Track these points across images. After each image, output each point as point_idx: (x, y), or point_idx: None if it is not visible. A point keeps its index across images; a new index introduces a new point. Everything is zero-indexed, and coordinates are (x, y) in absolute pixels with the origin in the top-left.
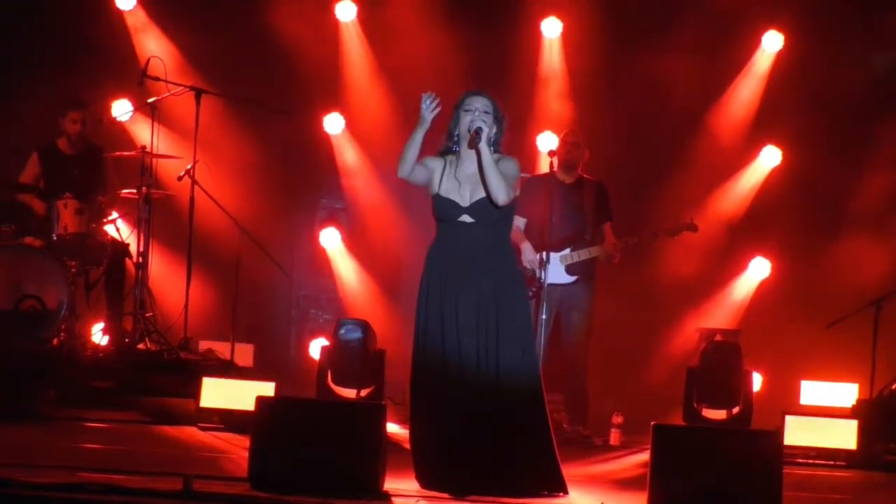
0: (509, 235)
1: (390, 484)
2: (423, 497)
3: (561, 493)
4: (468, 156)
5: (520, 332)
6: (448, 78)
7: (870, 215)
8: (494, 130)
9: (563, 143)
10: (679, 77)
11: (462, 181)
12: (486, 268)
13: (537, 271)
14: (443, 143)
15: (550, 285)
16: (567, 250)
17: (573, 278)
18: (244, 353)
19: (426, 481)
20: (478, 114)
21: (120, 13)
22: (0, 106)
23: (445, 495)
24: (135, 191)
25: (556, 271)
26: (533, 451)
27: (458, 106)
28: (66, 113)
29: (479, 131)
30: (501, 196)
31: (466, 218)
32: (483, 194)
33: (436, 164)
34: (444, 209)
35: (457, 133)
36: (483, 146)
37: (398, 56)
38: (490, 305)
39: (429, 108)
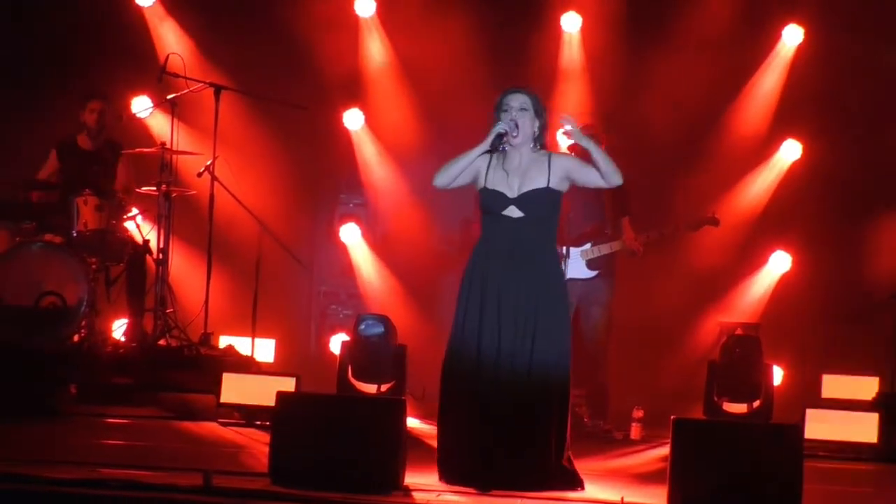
0: (555, 234)
1: (411, 479)
2: (444, 492)
3: (579, 488)
4: (513, 153)
5: (560, 334)
6: (468, 73)
7: (890, 209)
8: (537, 125)
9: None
10: (699, 70)
11: (510, 172)
12: (530, 266)
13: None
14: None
15: (570, 280)
16: (588, 245)
17: (594, 273)
18: (265, 349)
19: (449, 475)
20: (514, 112)
21: (139, 10)
22: (19, 103)
23: (467, 490)
24: (154, 188)
25: (577, 266)
26: (553, 449)
27: (497, 104)
28: (85, 104)
29: (499, 136)
30: (615, 178)
31: (514, 211)
32: (532, 187)
33: (481, 161)
34: (491, 201)
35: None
36: (588, 142)
37: (417, 51)
38: (531, 305)
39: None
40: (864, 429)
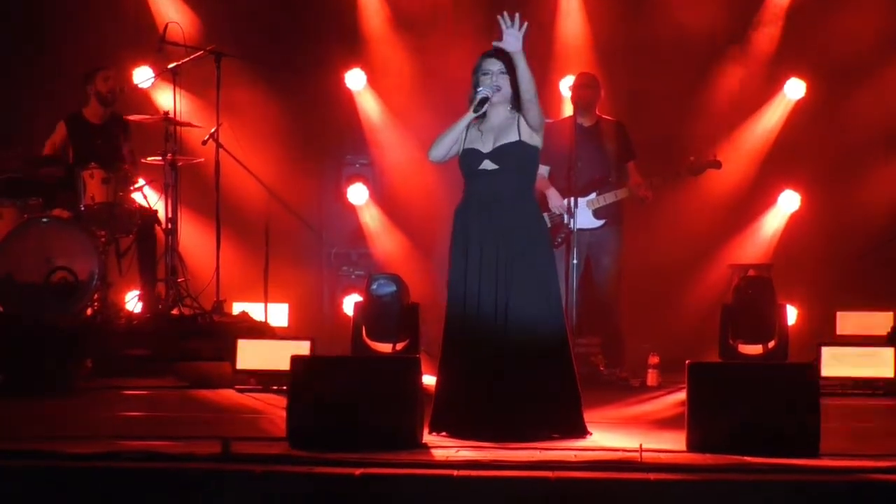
0: (533, 185)
1: (428, 436)
2: (463, 447)
3: (587, 434)
4: (493, 111)
5: (541, 282)
6: (467, 25)
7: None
8: (511, 90)
9: (576, 85)
10: (701, 12)
11: (485, 131)
12: (509, 218)
13: (565, 217)
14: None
15: (579, 230)
16: (593, 195)
17: (601, 222)
18: (278, 314)
19: (444, 427)
20: (494, 77)
21: None
22: (19, 77)
23: (484, 444)
24: (160, 157)
25: (584, 216)
26: (554, 397)
27: (475, 69)
28: (95, 74)
29: (482, 102)
30: (532, 107)
31: (488, 164)
32: (505, 140)
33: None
34: (468, 158)
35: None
36: (519, 56)
37: (417, 8)
38: (512, 256)
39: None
40: (881, 364)
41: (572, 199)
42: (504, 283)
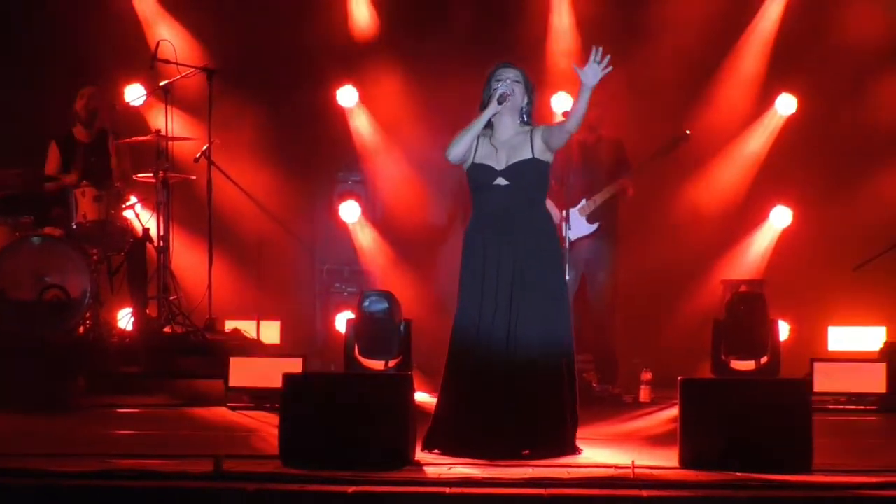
0: (544, 199)
1: (421, 453)
2: (455, 464)
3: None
4: (501, 123)
5: (555, 306)
6: (458, 41)
7: (887, 157)
8: (526, 101)
9: None
10: (691, 27)
11: (498, 147)
12: (522, 232)
13: (563, 228)
14: (475, 115)
15: (575, 242)
16: (582, 201)
17: (595, 226)
18: (271, 331)
19: (443, 445)
20: (509, 83)
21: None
22: (11, 95)
23: (476, 461)
24: (152, 174)
25: (578, 224)
26: (547, 416)
27: (489, 77)
28: (76, 94)
29: (503, 96)
30: (575, 125)
31: (501, 181)
32: (519, 158)
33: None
34: (479, 175)
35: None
36: (588, 91)
37: (408, 23)
38: (528, 280)
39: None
40: (873, 379)
41: (565, 211)
42: (518, 307)
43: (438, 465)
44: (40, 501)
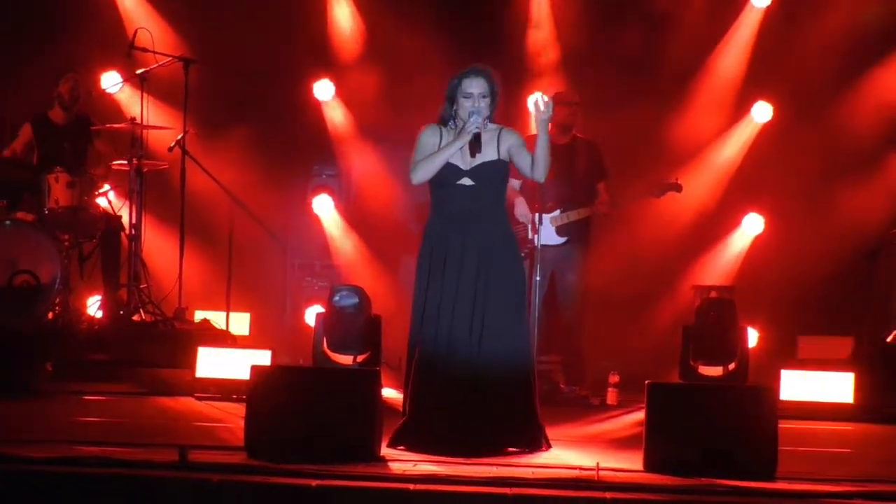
0: (504, 198)
1: (387, 449)
2: (421, 461)
3: (544, 448)
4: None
5: (516, 304)
6: (435, 35)
7: (860, 167)
8: (489, 112)
9: (555, 103)
10: (668, 34)
11: (464, 149)
12: (488, 236)
13: (529, 230)
14: (439, 112)
15: (543, 246)
16: (557, 212)
17: (563, 239)
18: (240, 322)
19: (401, 443)
20: (477, 101)
21: None
22: None
23: (442, 458)
24: (126, 162)
25: (548, 233)
26: (513, 412)
27: (456, 87)
28: (59, 78)
29: (477, 138)
30: (541, 174)
31: (466, 181)
32: (484, 159)
33: (434, 137)
34: (444, 174)
35: (454, 111)
36: (544, 132)
37: (386, 19)
38: (491, 278)
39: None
40: (840, 389)
41: (537, 215)
42: (481, 306)
43: (404, 462)
44: (4, 486)
